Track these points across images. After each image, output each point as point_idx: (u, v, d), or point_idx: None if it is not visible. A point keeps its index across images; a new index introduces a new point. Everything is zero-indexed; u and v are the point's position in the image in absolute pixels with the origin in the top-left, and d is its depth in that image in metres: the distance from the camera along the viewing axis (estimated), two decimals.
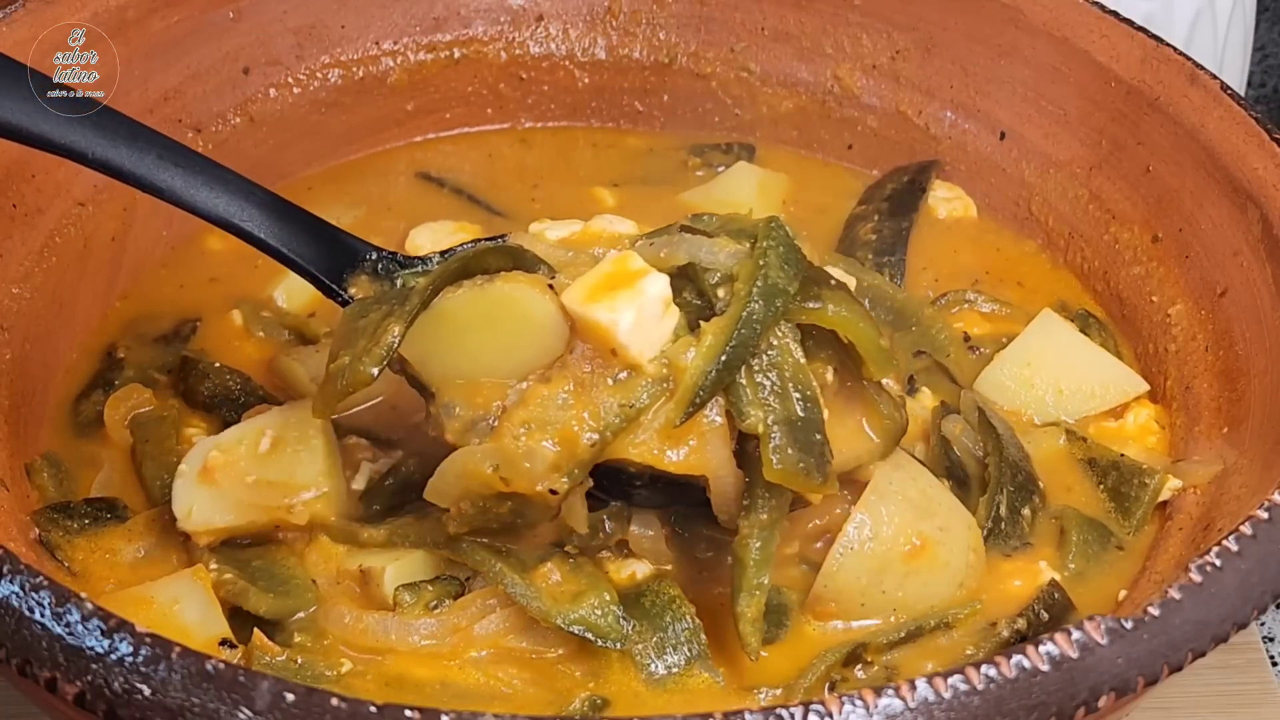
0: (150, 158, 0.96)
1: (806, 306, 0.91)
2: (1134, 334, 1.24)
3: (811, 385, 0.90)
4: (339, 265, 1.01)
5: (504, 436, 0.88)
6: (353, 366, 0.89)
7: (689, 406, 0.88)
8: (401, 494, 1.02)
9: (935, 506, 0.99)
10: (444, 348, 0.91)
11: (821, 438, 0.89)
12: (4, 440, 1.04)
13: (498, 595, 0.94)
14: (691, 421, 0.88)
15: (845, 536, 0.95)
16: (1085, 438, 1.12)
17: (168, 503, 0.99)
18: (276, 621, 0.94)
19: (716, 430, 0.89)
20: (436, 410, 0.92)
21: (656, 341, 0.89)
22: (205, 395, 1.12)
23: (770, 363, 0.89)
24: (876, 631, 0.96)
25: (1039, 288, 1.31)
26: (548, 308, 0.90)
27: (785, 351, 0.90)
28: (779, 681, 0.93)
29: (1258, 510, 0.86)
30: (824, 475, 0.88)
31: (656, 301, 0.88)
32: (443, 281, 0.91)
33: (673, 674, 0.93)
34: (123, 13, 1.22)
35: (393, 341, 0.88)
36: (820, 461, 0.88)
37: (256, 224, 0.99)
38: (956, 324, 1.24)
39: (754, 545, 0.89)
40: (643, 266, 0.90)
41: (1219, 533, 0.91)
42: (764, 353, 0.89)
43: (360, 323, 0.92)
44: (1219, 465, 1.05)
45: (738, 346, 0.88)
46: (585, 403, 0.87)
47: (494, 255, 0.93)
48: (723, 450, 0.90)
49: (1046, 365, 1.16)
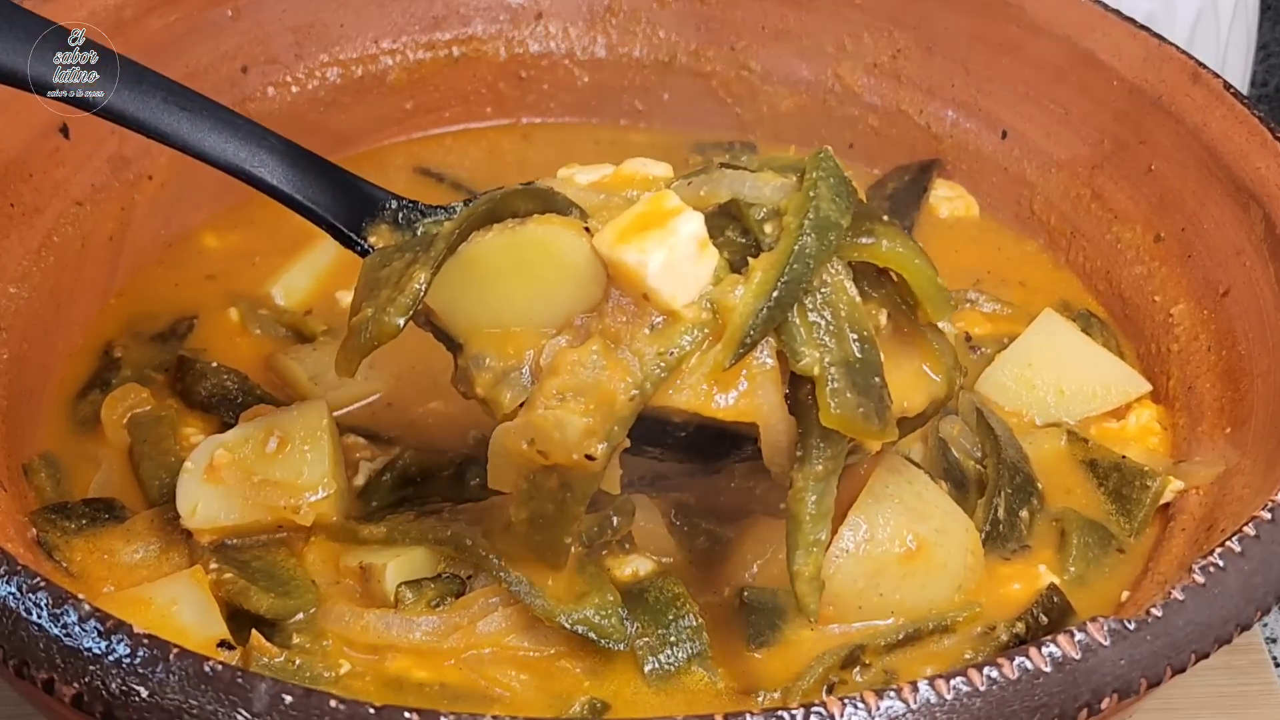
0: (155, 100, 0.93)
1: (859, 243, 0.87)
2: (1136, 334, 1.24)
3: (868, 325, 0.86)
4: (358, 214, 0.96)
5: (535, 408, 0.83)
6: (377, 318, 0.85)
7: (739, 347, 0.82)
8: (400, 489, 1.02)
9: (931, 509, 0.98)
10: (473, 295, 0.87)
11: (880, 381, 0.84)
12: (1, 440, 1.03)
13: (500, 593, 0.93)
14: (741, 364, 0.83)
15: (841, 540, 0.94)
16: (1086, 439, 1.12)
17: (166, 502, 0.99)
18: (275, 623, 0.93)
19: (768, 373, 0.84)
20: (465, 362, 0.87)
21: (693, 285, 0.84)
22: (203, 395, 1.11)
23: (824, 301, 0.84)
24: (874, 634, 0.95)
25: (1041, 287, 1.30)
26: (584, 251, 0.84)
27: (839, 290, 0.85)
28: (776, 684, 0.93)
29: (1261, 511, 0.85)
30: (883, 421, 0.83)
31: (690, 241, 0.83)
32: (470, 226, 0.86)
33: (673, 671, 0.92)
34: (120, 11, 1.22)
35: (419, 289, 0.84)
36: (880, 406, 0.83)
37: (270, 170, 0.95)
38: (958, 323, 1.23)
39: (809, 499, 0.84)
40: (677, 205, 0.85)
41: (1222, 533, 0.91)
42: (817, 291, 0.84)
43: (383, 272, 0.87)
44: (1221, 466, 1.04)
45: (790, 282, 0.82)
46: (617, 362, 0.83)
47: (524, 198, 0.88)
48: (775, 395, 0.85)
49: (1048, 365, 1.16)
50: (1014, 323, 1.23)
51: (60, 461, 1.07)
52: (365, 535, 0.97)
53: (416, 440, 1.08)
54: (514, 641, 0.93)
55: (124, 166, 1.24)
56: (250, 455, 0.97)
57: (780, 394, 0.85)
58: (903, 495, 0.97)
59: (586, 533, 0.93)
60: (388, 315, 0.84)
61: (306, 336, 1.19)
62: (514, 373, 0.85)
